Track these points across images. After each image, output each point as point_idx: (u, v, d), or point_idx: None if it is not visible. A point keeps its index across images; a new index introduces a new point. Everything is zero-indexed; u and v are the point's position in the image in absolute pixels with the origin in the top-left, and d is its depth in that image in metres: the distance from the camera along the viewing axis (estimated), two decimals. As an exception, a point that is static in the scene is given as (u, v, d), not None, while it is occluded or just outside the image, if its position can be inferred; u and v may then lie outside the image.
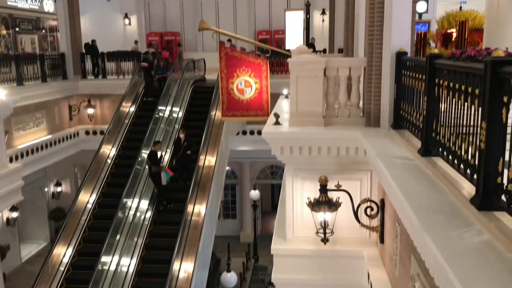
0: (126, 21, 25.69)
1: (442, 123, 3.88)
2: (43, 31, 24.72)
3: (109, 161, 14.57)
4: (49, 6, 24.15)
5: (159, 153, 12.77)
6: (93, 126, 18.64)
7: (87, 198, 13.36)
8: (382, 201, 5.64)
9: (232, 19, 25.88)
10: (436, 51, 4.19)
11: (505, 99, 2.61)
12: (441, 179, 3.62)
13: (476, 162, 3.01)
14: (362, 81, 6.37)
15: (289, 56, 6.98)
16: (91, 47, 19.48)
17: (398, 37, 5.64)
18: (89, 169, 14.13)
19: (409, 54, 5.54)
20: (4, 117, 11.45)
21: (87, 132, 18.66)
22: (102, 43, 20.69)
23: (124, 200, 12.62)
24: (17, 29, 22.48)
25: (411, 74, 4.89)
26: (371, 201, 5.68)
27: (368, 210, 5.63)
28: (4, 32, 9.17)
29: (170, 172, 12.83)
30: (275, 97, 9.82)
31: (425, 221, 2.89)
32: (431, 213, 3.05)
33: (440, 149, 3.88)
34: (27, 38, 23.40)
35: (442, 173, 3.64)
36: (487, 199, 2.79)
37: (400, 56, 5.45)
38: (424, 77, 4.24)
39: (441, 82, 3.84)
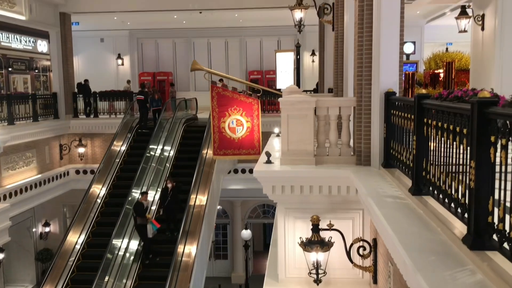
0: (119, 61, 26.02)
1: (432, 162, 3.91)
2: (36, 71, 24.91)
3: (99, 200, 14.42)
4: (42, 47, 24.43)
5: (145, 204, 12.30)
6: (83, 165, 18.53)
7: (76, 239, 13.13)
8: (375, 240, 5.59)
9: (224, 59, 26.34)
10: (424, 91, 4.27)
11: (492, 138, 2.65)
12: (432, 218, 3.62)
13: (467, 201, 3.03)
14: (352, 120, 6.45)
15: (280, 96, 7.07)
16: (84, 87, 19.63)
17: (387, 77, 5.76)
18: (79, 208, 13.96)
19: (397, 94, 5.65)
20: (-7, 156, 11.39)
21: (77, 172, 18.52)
22: (94, 82, 20.88)
23: (114, 240, 12.41)
24: (10, 69, 22.65)
25: (400, 113, 4.96)
26: (363, 240, 5.63)
27: (361, 250, 5.57)
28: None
29: (156, 224, 12.29)
30: (266, 135, 9.88)
31: (417, 261, 2.86)
32: (424, 253, 3.02)
33: (430, 188, 3.90)
34: (20, 78, 23.53)
35: (433, 212, 3.64)
36: (479, 238, 2.78)
37: (388, 96, 5.55)
38: (412, 116, 4.30)
39: (429, 121, 3.90)
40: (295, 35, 21.38)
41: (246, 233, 19.59)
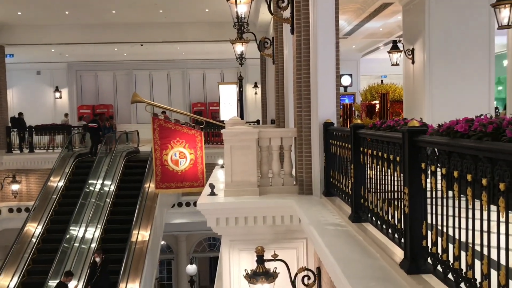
0: (57, 94, 25.22)
1: (369, 189, 4.04)
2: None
3: (33, 239, 13.63)
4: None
5: (70, 285, 10.92)
6: (17, 203, 17.54)
7: (7, 283, 12.27)
8: (319, 269, 5.63)
9: (166, 91, 26.23)
10: (359, 121, 4.45)
11: (422, 165, 2.79)
12: (371, 244, 3.71)
13: (403, 227, 3.14)
14: (293, 150, 6.57)
15: (224, 127, 7.11)
16: (18, 120, 18.80)
17: (324, 108, 5.95)
18: (11, 249, 13.11)
19: (335, 125, 5.83)
20: None
21: (10, 210, 17.49)
22: (30, 116, 20.07)
23: (50, 281, 11.72)
24: None
25: (338, 143, 5.12)
26: (307, 269, 5.65)
27: (305, 279, 5.58)
28: None
29: None
30: (210, 167, 9.84)
31: (358, 288, 2.91)
32: (364, 280, 3.08)
33: (369, 215, 4.01)
34: None
35: (372, 239, 3.73)
36: (414, 262, 2.87)
37: (327, 126, 5.72)
38: (349, 146, 4.45)
39: (365, 150, 4.05)
40: (237, 67, 21.73)
41: (192, 268, 19.15)
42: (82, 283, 12.13)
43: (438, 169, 2.61)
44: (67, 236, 12.96)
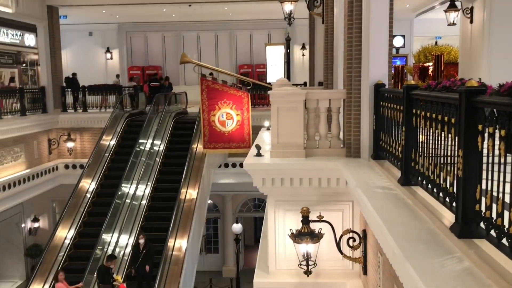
0: (108, 55, 25.80)
1: (420, 153, 3.93)
2: (24, 65, 24.62)
3: (88, 195, 14.33)
4: (30, 41, 24.11)
5: (112, 268, 10.76)
6: (72, 160, 18.38)
7: (65, 234, 13.05)
8: (364, 231, 5.63)
9: (214, 53, 26.24)
10: (412, 82, 4.29)
11: (479, 127, 2.67)
12: (421, 208, 3.64)
13: (455, 190, 3.05)
14: (342, 112, 6.47)
15: (270, 89, 7.06)
16: (72, 81, 19.45)
17: (376, 69, 5.77)
18: (68, 203, 13.86)
19: (387, 86, 5.66)
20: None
21: (66, 166, 18.37)
22: (83, 76, 20.69)
23: (104, 235, 12.38)
24: (-3, 63, 22.36)
25: (389, 105, 4.98)
26: (353, 232, 5.67)
27: (351, 241, 5.61)
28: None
29: None
30: (256, 129, 9.87)
31: (406, 250, 2.88)
32: (412, 242, 3.05)
33: (419, 178, 3.92)
34: (7, 72, 23.25)
35: (421, 202, 3.66)
36: (466, 226, 2.80)
37: (378, 87, 5.56)
38: (401, 108, 4.32)
39: (418, 112, 3.92)
40: (285, 28, 21.36)
41: (237, 227, 19.60)
42: (133, 238, 12.73)
43: (497, 131, 2.49)
44: (119, 193, 13.53)
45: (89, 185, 14.65)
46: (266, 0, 17.06)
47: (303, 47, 24.04)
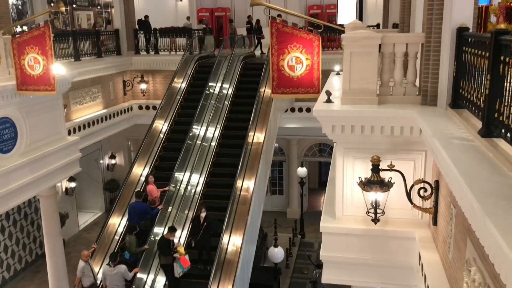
0: (178, -3, 25.90)
1: (506, 103, 3.69)
2: (98, 7, 25.37)
3: (161, 135, 14.96)
4: (104, -17, 24.70)
5: (173, 241, 10.53)
6: (146, 101, 19.10)
7: (141, 171, 13.83)
8: (437, 182, 5.48)
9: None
10: (502, 26, 3.96)
11: None
12: (503, 162, 3.47)
13: (544, 145, 2.86)
14: (419, 58, 6.15)
15: (342, 32, 6.81)
16: (144, 23, 19.81)
17: (459, 11, 5.38)
18: (143, 143, 14.58)
19: (470, 30, 5.27)
20: (63, 91, 11.96)
21: (140, 107, 19.16)
22: (154, 19, 20.98)
23: (176, 173, 12.98)
24: (74, 5, 23.20)
25: (473, 51, 4.65)
26: (425, 182, 5.54)
27: (422, 191, 5.50)
28: (63, 9, 9.50)
29: (185, 263, 10.28)
30: (326, 73, 9.64)
31: (486, 206, 2.78)
32: (493, 197, 2.93)
33: (503, 130, 3.70)
34: (84, 14, 24.11)
35: (505, 156, 3.48)
36: (555, 184, 2.65)
37: (461, 32, 5.20)
38: (487, 54, 4.03)
39: (507, 59, 3.63)
40: (358, -34, 20.21)
41: (302, 171, 19.79)
42: (204, 177, 13.27)
43: None
44: (190, 134, 14.00)
45: (162, 126, 15.25)
46: None
47: (377, -14, 22.71)
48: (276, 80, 9.15)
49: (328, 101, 6.31)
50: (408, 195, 5.52)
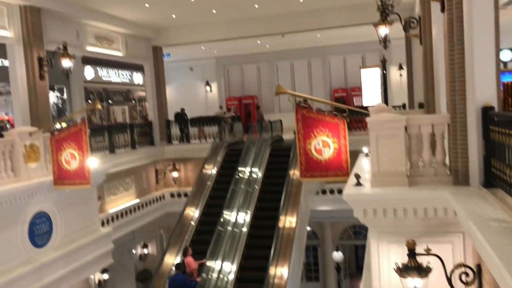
0: (208, 88, 27.18)
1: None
2: (133, 101, 26.76)
3: (192, 223, 14.95)
4: (138, 79, 26.25)
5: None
6: (177, 189, 19.37)
7: (172, 260, 13.68)
8: (479, 266, 5.19)
9: (307, 78, 26.49)
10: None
11: None
12: (546, 245, 3.29)
13: None
14: (446, 137, 6.12)
15: (367, 114, 6.91)
16: (181, 115, 20.70)
17: (482, 91, 5.40)
18: (174, 231, 14.56)
19: (496, 108, 5.27)
20: (97, 184, 12.29)
21: (172, 195, 19.39)
22: (186, 109, 21.89)
23: (208, 262, 12.78)
24: (110, 101, 24.56)
25: (501, 130, 4.61)
26: (465, 266, 5.25)
27: (464, 277, 5.19)
28: (99, 107, 10.07)
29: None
30: (354, 154, 9.64)
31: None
32: (538, 285, 2.75)
33: (541, 211, 3.55)
34: (119, 109, 25.42)
35: (546, 238, 3.30)
36: None
37: (486, 111, 5.19)
38: (516, 133, 3.98)
39: (535, 138, 3.58)
40: (380, 50, 20.88)
41: (338, 255, 19.16)
42: (236, 266, 12.98)
43: None
44: (221, 220, 13.94)
45: (193, 213, 15.30)
46: (359, 24, 16.89)
47: (400, 67, 23.32)
48: (304, 164, 9.19)
49: (358, 184, 6.26)
50: (449, 281, 5.22)
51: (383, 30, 10.76)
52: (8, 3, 12.16)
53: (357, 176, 6.31)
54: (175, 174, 19.13)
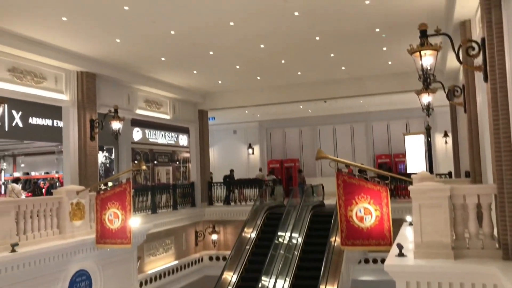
0: (250, 150, 27.56)
1: None
2: (177, 162, 27.40)
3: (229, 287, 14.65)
4: (183, 141, 27.01)
5: None
6: (216, 251, 19.21)
7: (208, 327, 13.33)
8: None
9: (350, 143, 26.44)
10: None
11: None
12: None
13: None
14: (494, 209, 5.88)
15: (410, 182, 6.77)
16: (230, 177, 20.97)
17: (531, 161, 5.23)
18: (211, 296, 14.29)
19: (546, 180, 5.06)
20: (138, 244, 12.41)
21: (210, 258, 19.22)
22: (226, 171, 22.18)
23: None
24: (155, 162, 25.25)
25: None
26: None
27: None
28: (144, 167, 10.41)
29: None
30: (398, 222, 9.37)
31: None
32: None
33: None
34: (163, 169, 26.03)
35: None
36: None
37: (535, 182, 4.99)
38: None
39: None
40: (424, 116, 20.69)
41: (381, 329, 18.06)
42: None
43: None
44: (259, 286, 13.59)
45: (231, 277, 15.03)
46: (403, 92, 16.94)
47: (445, 135, 22.95)
48: (345, 231, 8.97)
49: (401, 254, 6.04)
50: None
51: (426, 98, 10.75)
52: (66, 69, 13.07)
53: (400, 247, 6.10)
54: (214, 236, 19.05)
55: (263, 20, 11.11)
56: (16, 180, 17.90)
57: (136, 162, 20.68)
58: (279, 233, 15.88)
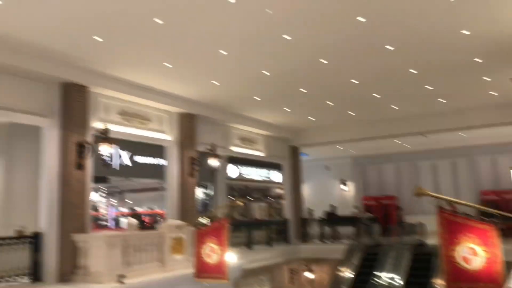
0: (343, 186, 27.06)
1: None
2: (270, 198, 27.65)
3: (325, 329, 14.24)
4: (276, 177, 27.30)
5: None
6: (310, 290, 18.83)
7: None
8: None
9: (451, 179, 24.97)
10: None
11: None
12: None
13: None
14: None
15: (521, 222, 6.25)
16: (332, 214, 20.81)
17: None
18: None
19: None
20: (234, 279, 12.59)
21: (305, 297, 18.87)
22: (320, 207, 21.93)
23: None
24: (249, 198, 25.72)
25: None
26: None
27: None
28: (241, 204, 10.71)
29: None
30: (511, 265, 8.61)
31: None
32: None
33: None
34: (257, 205, 26.38)
35: None
36: None
37: None
38: None
39: None
40: (535, 149, 19.08)
41: None
42: None
43: None
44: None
45: (326, 318, 14.63)
46: (508, 124, 15.80)
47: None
48: (448, 273, 8.41)
49: (513, 301, 5.53)
50: None
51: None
52: (169, 111, 14.04)
53: (512, 292, 5.60)
54: (309, 275, 18.75)
55: (356, 57, 11.16)
56: (134, 215, 18.97)
57: (233, 198, 21.27)
58: (377, 274, 15.24)
